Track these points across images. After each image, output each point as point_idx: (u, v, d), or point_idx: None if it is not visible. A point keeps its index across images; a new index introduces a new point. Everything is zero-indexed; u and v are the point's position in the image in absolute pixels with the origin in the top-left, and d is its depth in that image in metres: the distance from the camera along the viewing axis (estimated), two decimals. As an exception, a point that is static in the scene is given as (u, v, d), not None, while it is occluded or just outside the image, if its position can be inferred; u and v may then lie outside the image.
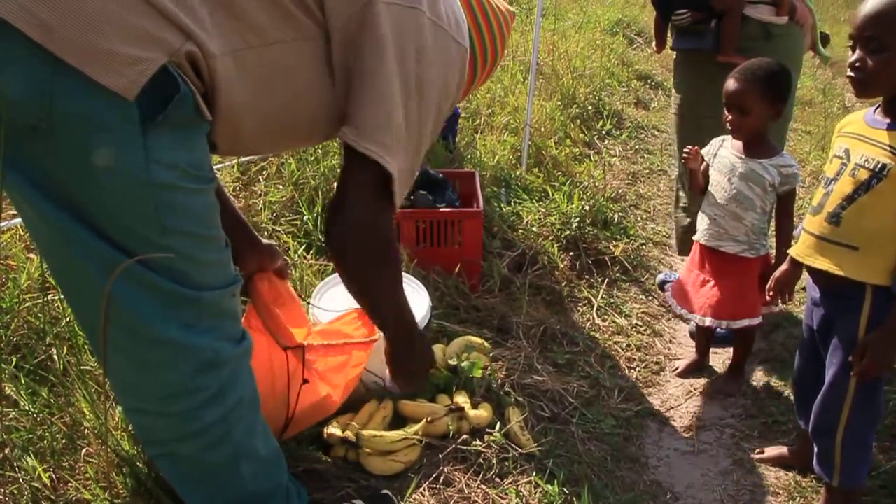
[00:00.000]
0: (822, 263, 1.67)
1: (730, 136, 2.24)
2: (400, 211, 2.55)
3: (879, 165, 1.54)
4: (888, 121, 1.57)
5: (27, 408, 1.70)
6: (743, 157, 2.18)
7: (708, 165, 2.30)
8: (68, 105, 0.98)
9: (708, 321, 2.33)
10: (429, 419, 1.90)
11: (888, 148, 1.54)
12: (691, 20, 2.57)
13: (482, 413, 1.99)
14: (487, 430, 1.96)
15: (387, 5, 1.21)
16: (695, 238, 2.36)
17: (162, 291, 1.13)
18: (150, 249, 1.10)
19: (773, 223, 2.30)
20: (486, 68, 1.58)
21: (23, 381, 1.75)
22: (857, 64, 1.53)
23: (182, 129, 1.09)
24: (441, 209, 2.66)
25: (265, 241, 1.69)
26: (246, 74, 1.15)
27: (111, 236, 1.07)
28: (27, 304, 1.96)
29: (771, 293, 1.95)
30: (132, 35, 0.99)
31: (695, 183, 2.35)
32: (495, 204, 3.34)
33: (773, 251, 2.26)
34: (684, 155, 2.35)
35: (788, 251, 1.83)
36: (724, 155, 2.23)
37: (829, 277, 1.67)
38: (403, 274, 2.21)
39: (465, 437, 1.90)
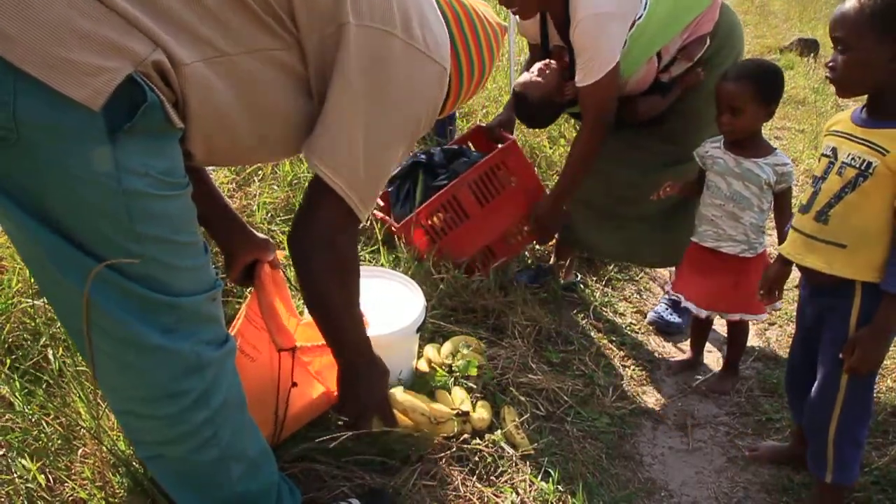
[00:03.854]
0: (812, 262, 1.69)
1: (722, 137, 2.25)
2: (451, 185, 2.57)
3: (865, 163, 1.57)
4: (873, 119, 1.60)
5: (22, 409, 1.70)
6: (737, 157, 2.19)
7: (703, 170, 2.31)
8: (32, 115, 0.97)
9: (704, 313, 2.35)
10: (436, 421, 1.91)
11: (873, 146, 1.56)
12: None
13: (485, 415, 2.00)
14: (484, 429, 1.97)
15: (359, 27, 1.23)
16: (693, 239, 2.36)
17: (138, 298, 1.13)
18: (124, 257, 1.09)
19: (771, 221, 2.31)
20: (472, 82, 1.60)
21: (17, 384, 1.75)
22: (831, 64, 1.59)
23: (152, 137, 1.08)
24: (478, 161, 2.63)
25: (260, 235, 1.70)
26: (220, 83, 1.14)
27: (86, 245, 1.07)
28: (22, 306, 1.96)
29: (761, 291, 1.96)
30: (95, 44, 0.98)
31: (690, 194, 2.40)
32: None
33: (772, 249, 2.28)
34: (666, 190, 2.37)
35: (778, 249, 1.85)
36: (718, 156, 2.23)
37: (819, 275, 1.68)
38: (399, 273, 2.24)
39: (465, 436, 1.91)
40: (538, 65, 2.55)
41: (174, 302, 1.16)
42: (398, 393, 1.92)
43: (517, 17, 2.49)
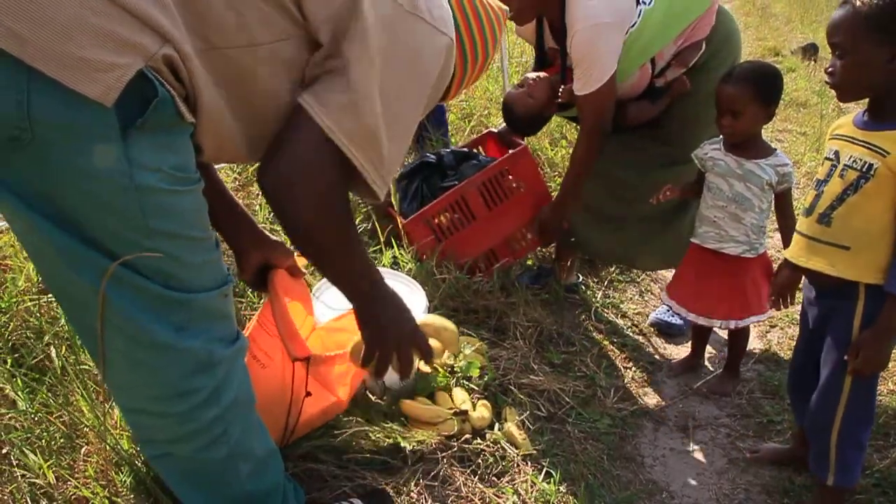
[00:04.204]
0: (816, 264, 1.69)
1: (721, 139, 2.25)
2: (460, 186, 2.60)
3: (866, 165, 1.58)
4: (874, 121, 1.61)
5: (25, 407, 1.70)
6: (738, 158, 2.19)
7: (703, 172, 2.31)
8: (46, 114, 0.97)
9: (702, 320, 2.35)
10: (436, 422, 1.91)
11: (874, 148, 1.58)
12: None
13: (485, 414, 2.00)
14: (485, 429, 1.97)
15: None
16: (693, 240, 2.37)
17: (151, 295, 1.13)
18: (137, 253, 1.09)
19: (773, 224, 2.32)
20: (476, 65, 1.58)
21: (19, 382, 1.76)
22: (830, 70, 1.60)
23: (164, 132, 1.08)
24: (488, 165, 2.66)
25: (273, 238, 1.68)
26: (216, 76, 1.14)
27: (98, 242, 1.07)
28: (26, 304, 1.96)
29: (773, 299, 1.97)
30: (106, 41, 0.98)
31: (689, 196, 2.40)
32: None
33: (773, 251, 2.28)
34: (666, 194, 2.38)
35: (783, 253, 1.85)
36: (719, 158, 2.24)
37: (823, 277, 1.69)
38: (401, 273, 2.24)
39: (466, 436, 1.91)
40: (529, 78, 2.59)
41: (186, 298, 1.16)
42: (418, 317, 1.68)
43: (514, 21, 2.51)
